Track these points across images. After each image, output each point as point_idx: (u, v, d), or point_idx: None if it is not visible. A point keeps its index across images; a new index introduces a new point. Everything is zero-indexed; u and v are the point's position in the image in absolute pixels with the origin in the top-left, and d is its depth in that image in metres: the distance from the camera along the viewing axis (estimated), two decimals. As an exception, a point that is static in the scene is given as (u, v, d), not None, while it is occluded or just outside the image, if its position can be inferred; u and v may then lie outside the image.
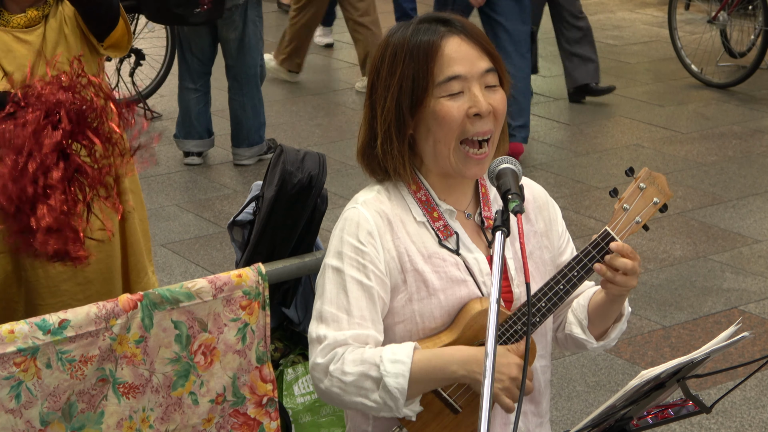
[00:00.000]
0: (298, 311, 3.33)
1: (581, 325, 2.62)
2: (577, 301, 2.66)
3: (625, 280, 2.46)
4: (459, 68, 2.44)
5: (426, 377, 2.41)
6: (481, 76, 2.46)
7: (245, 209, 3.28)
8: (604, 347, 2.67)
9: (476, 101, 2.44)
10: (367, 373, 2.39)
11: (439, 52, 2.44)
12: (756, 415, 4.42)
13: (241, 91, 7.08)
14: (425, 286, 2.48)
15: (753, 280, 5.55)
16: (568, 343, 2.68)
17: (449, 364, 2.41)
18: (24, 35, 3.46)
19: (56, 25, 3.48)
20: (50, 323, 2.69)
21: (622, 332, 2.66)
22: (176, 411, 2.88)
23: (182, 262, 5.83)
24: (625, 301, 2.60)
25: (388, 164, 2.51)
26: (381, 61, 2.50)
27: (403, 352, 2.41)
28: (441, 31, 2.46)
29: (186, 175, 7.04)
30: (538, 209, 2.65)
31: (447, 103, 2.44)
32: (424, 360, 2.41)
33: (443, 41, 2.45)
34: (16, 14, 3.46)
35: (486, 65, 2.47)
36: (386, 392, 2.38)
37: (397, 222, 2.50)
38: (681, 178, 6.82)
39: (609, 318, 2.61)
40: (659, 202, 2.52)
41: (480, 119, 2.45)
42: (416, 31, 2.47)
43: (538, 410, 2.63)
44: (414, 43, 2.45)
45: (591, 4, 11.61)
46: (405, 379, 2.38)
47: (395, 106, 2.46)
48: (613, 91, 8.35)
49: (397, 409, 2.40)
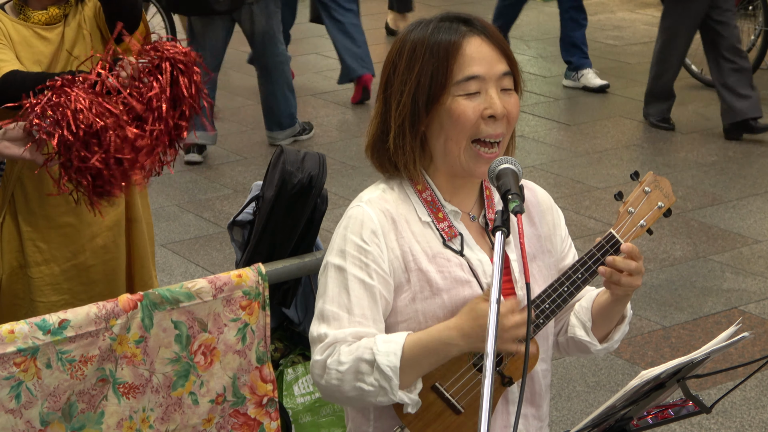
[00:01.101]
0: (298, 311, 3.33)
1: (585, 328, 2.62)
2: (580, 304, 2.66)
3: (629, 281, 2.47)
4: (478, 68, 2.45)
5: (421, 352, 2.38)
6: (499, 78, 2.46)
7: (245, 209, 3.28)
8: (607, 350, 2.67)
9: (492, 103, 2.44)
10: (361, 357, 2.39)
11: (460, 50, 2.44)
12: (756, 415, 4.42)
13: (270, 79, 7.35)
14: (429, 286, 2.48)
15: (753, 280, 5.55)
16: (570, 347, 2.67)
17: (443, 328, 2.39)
18: (44, 32, 3.48)
19: (75, 25, 3.50)
20: (50, 323, 2.69)
21: (624, 334, 2.66)
22: (176, 411, 2.88)
23: (182, 262, 5.83)
24: (628, 303, 2.61)
25: (398, 159, 2.51)
26: (398, 56, 2.50)
27: (395, 334, 2.41)
28: (463, 31, 2.47)
29: (186, 175, 7.04)
30: (543, 213, 2.66)
31: (463, 102, 2.44)
32: (415, 338, 2.40)
33: (464, 40, 2.45)
34: (38, 11, 3.48)
35: (504, 68, 2.47)
36: (380, 372, 2.37)
37: (401, 221, 2.50)
38: (681, 178, 6.82)
39: (612, 320, 2.61)
40: (664, 206, 2.53)
41: (494, 121, 2.45)
42: (437, 29, 2.48)
43: (538, 413, 2.63)
44: (435, 40, 2.46)
45: (591, 4, 11.61)
46: (397, 357, 2.37)
47: (411, 101, 2.46)
48: (614, 91, 8.34)
49: (392, 390, 2.38)
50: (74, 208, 3.50)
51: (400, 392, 2.40)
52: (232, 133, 7.80)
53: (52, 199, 3.49)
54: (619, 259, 2.47)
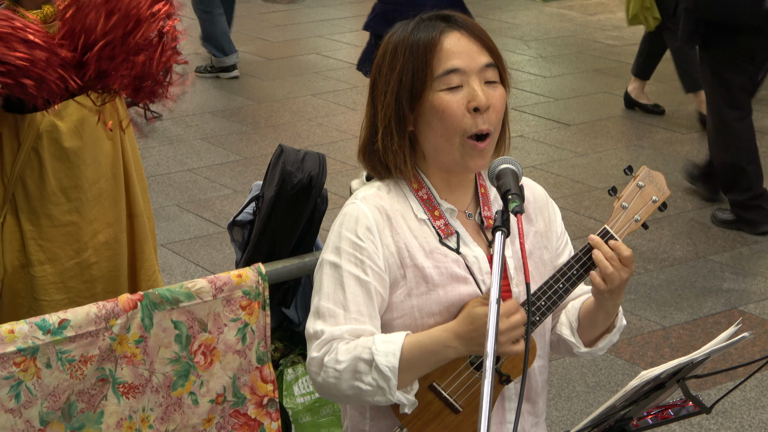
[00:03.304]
0: (298, 311, 3.33)
1: (571, 327, 2.62)
2: (572, 303, 2.65)
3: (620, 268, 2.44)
4: (458, 62, 2.45)
5: (419, 354, 2.38)
6: (481, 70, 2.46)
7: (245, 209, 3.28)
8: (592, 355, 2.64)
9: (475, 95, 2.44)
10: (359, 356, 2.39)
11: (438, 46, 2.45)
12: (756, 415, 4.42)
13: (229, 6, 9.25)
14: (425, 282, 2.48)
15: (753, 280, 5.54)
16: (559, 345, 2.67)
17: (442, 331, 2.39)
18: None
19: None
20: (50, 323, 2.69)
21: (612, 344, 2.63)
22: (176, 411, 2.88)
23: (182, 262, 5.83)
24: (618, 313, 2.58)
25: (389, 160, 2.51)
26: (382, 58, 2.52)
27: (394, 335, 2.41)
28: (441, 27, 2.48)
29: (186, 176, 7.04)
30: (539, 209, 2.66)
31: (446, 96, 2.44)
32: (415, 338, 2.41)
33: (443, 36, 2.47)
34: (32, 10, 3.47)
35: (486, 60, 2.47)
36: (378, 372, 2.38)
37: (397, 217, 2.50)
38: (681, 178, 6.83)
39: (597, 327, 2.59)
40: (658, 200, 2.52)
41: (479, 114, 2.45)
42: (416, 28, 2.49)
43: (534, 410, 2.62)
44: (414, 39, 2.47)
45: (591, 4, 11.62)
46: (396, 357, 2.37)
47: (395, 100, 2.47)
48: (614, 91, 8.34)
49: (390, 390, 2.39)
50: (76, 206, 3.50)
51: (398, 392, 2.40)
52: (232, 132, 7.81)
53: (54, 198, 3.49)
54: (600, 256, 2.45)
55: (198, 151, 7.46)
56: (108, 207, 3.59)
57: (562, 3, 11.67)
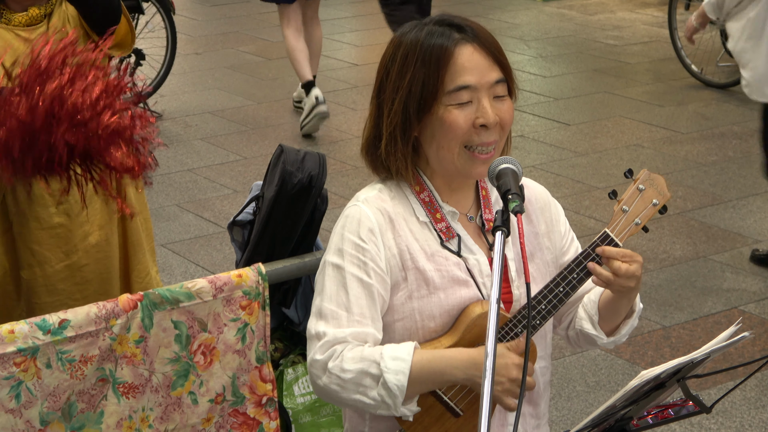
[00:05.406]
0: (298, 311, 3.33)
1: (592, 321, 2.62)
2: (588, 296, 2.66)
3: (620, 282, 2.45)
4: (470, 78, 2.43)
5: (425, 377, 2.41)
6: (491, 86, 2.45)
7: (245, 209, 3.28)
8: (615, 343, 2.66)
9: (484, 113, 2.44)
10: (366, 370, 2.39)
11: (451, 60, 2.43)
12: (756, 415, 4.42)
13: None
14: (426, 285, 2.48)
15: (753, 280, 5.54)
16: (579, 340, 2.68)
17: (449, 367, 2.41)
18: (26, 33, 3.46)
19: (59, 24, 3.48)
20: (50, 323, 2.69)
21: (633, 328, 2.66)
22: (176, 411, 2.88)
23: (182, 262, 5.83)
24: (636, 298, 2.60)
25: (390, 165, 2.52)
26: (392, 60, 2.49)
27: (403, 350, 2.41)
28: (455, 38, 2.44)
29: (186, 176, 7.04)
30: (540, 210, 2.65)
31: (455, 111, 2.44)
32: (424, 360, 2.41)
33: (456, 49, 2.44)
34: (18, 13, 3.46)
35: (497, 76, 2.46)
36: (386, 389, 2.38)
37: (399, 220, 2.50)
38: (681, 178, 6.82)
39: (619, 314, 2.61)
40: (658, 203, 2.52)
41: (486, 130, 2.45)
42: (430, 34, 2.46)
43: (536, 411, 2.63)
44: (427, 47, 2.44)
45: (591, 4, 11.62)
46: (405, 376, 2.38)
47: (402, 108, 2.46)
48: (614, 91, 8.33)
49: (395, 407, 2.40)
50: (65, 208, 3.50)
51: (402, 407, 2.41)
52: (232, 133, 7.81)
53: (43, 201, 3.48)
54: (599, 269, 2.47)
55: (198, 151, 7.46)
56: (99, 209, 3.58)
57: (562, 3, 11.67)
